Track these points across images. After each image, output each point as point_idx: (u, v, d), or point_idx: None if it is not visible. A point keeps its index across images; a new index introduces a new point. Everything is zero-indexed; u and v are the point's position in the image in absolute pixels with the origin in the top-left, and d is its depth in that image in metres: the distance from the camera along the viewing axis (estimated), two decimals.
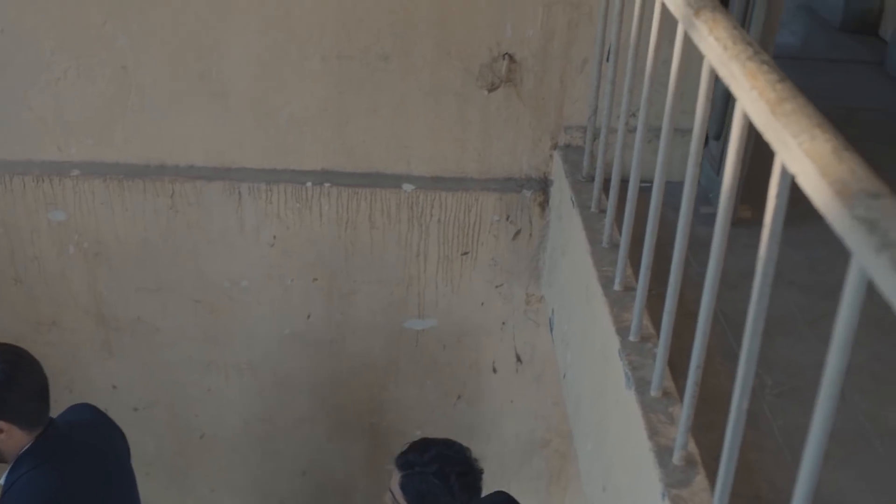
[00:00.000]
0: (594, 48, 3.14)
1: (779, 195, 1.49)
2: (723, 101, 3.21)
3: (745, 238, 2.51)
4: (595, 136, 3.12)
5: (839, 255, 1.24)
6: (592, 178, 3.10)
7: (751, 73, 1.58)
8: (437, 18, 3.12)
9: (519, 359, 3.77)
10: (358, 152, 3.31)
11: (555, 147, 3.35)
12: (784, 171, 1.46)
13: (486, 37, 3.16)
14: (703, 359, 1.85)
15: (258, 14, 3.09)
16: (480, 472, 2.92)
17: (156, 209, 3.36)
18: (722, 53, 1.70)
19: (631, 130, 2.72)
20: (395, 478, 2.88)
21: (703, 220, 3.09)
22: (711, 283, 1.78)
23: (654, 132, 2.55)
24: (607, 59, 3.00)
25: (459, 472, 2.84)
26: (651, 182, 2.21)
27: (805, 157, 1.34)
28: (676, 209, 2.01)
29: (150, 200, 3.34)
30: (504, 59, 3.19)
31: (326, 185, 3.33)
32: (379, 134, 3.28)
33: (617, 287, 2.60)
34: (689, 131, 2.02)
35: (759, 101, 1.52)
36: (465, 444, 2.95)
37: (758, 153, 2.42)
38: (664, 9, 2.14)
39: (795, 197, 1.39)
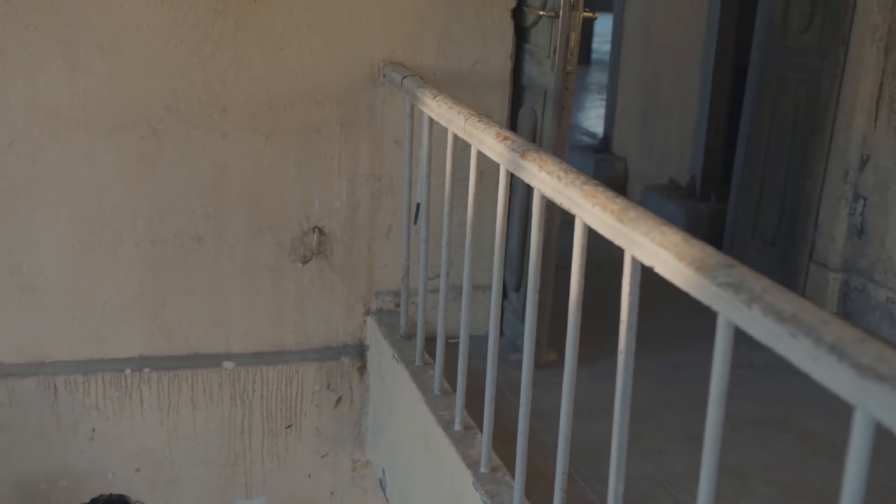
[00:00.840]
0: (401, 213, 3.37)
1: (632, 287, 1.71)
2: (518, 256, 3.50)
3: (557, 377, 2.71)
4: (409, 295, 3.31)
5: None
6: (410, 337, 3.27)
7: (590, 194, 1.83)
8: (249, 197, 3.26)
9: None
10: (177, 334, 3.32)
11: (367, 313, 3.50)
12: (635, 266, 1.69)
13: (296, 212, 3.33)
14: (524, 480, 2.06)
15: (69, 205, 3.12)
16: None
17: None
18: (558, 183, 1.95)
19: (449, 289, 2.93)
20: None
21: (515, 365, 3.31)
22: (524, 419, 2.15)
23: (463, 290, 2.78)
24: (415, 222, 3.23)
25: None
26: (483, 334, 2.42)
27: (660, 248, 1.57)
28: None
29: None
30: (314, 232, 3.36)
31: (146, 370, 3.30)
32: (197, 314, 3.32)
33: (458, 427, 2.73)
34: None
35: (603, 213, 1.76)
36: None
37: (559, 301, 2.66)
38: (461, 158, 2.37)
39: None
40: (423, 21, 3.28)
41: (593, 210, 1.80)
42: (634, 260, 1.69)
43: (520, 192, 3.40)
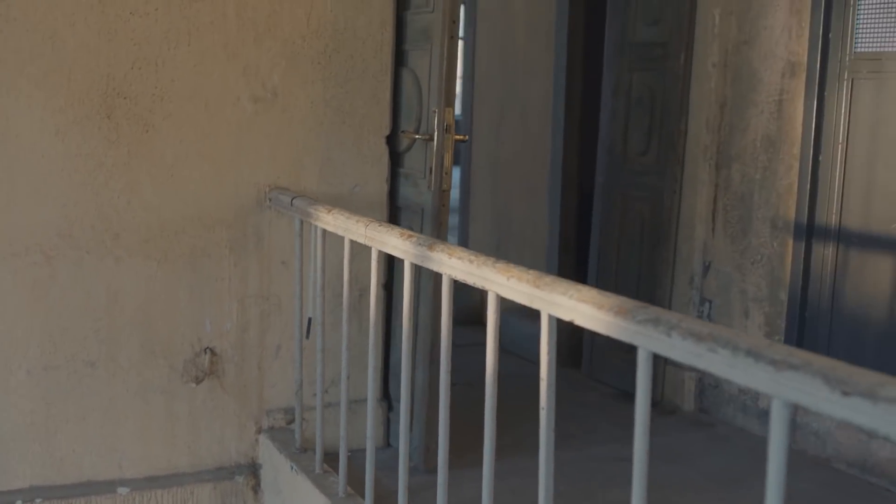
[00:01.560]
0: (289, 331, 3.50)
1: (549, 345, 1.92)
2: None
3: (455, 479, 2.85)
4: (304, 408, 3.41)
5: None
6: (306, 450, 3.35)
7: (503, 270, 2.05)
8: (142, 320, 3.33)
9: None
10: (69, 462, 3.29)
11: (259, 431, 3.57)
12: (552, 325, 1.90)
13: (188, 333, 3.41)
14: None
15: None
16: None
17: None
18: (470, 266, 2.16)
19: (335, 403, 3.06)
20: None
21: (412, 471, 3.43)
22: None
23: (358, 402, 2.92)
24: (307, 337, 3.37)
25: None
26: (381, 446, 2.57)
27: (579, 303, 1.80)
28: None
29: None
30: (206, 353, 3.44)
31: (38, 500, 3.24)
32: (89, 440, 3.31)
33: None
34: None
35: (520, 284, 1.98)
36: None
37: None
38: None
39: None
40: (306, 148, 3.50)
41: (509, 283, 2.02)
42: (551, 318, 1.90)
43: (399, 307, 3.59)
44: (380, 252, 2.68)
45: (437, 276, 2.72)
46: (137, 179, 3.26)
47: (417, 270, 2.61)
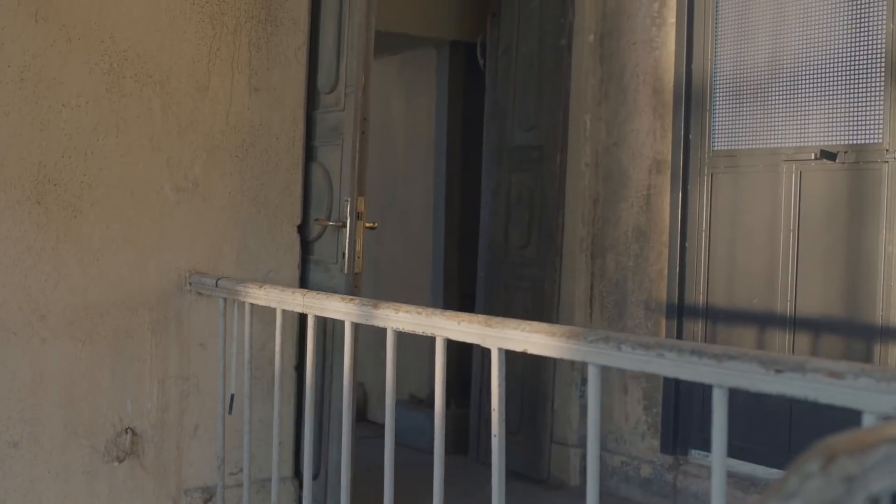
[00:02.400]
0: (207, 411, 3.63)
1: (500, 379, 2.19)
2: (315, 441, 3.83)
3: None
4: (225, 485, 3.53)
5: None
6: None
7: (453, 316, 2.32)
8: (66, 401, 3.41)
9: None
10: None
11: None
12: (501, 359, 2.17)
13: (110, 414, 3.50)
14: None
15: None
16: None
17: None
18: (419, 318, 2.42)
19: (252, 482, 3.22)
20: None
21: None
22: None
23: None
24: (230, 412, 3.52)
25: None
26: None
27: (531, 334, 2.08)
28: None
29: None
30: (127, 433, 3.53)
31: None
32: None
33: None
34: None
35: (471, 326, 2.25)
36: None
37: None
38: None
39: None
40: (224, 235, 3.71)
41: (460, 327, 2.28)
42: (500, 351, 2.18)
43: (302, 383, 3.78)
44: (316, 319, 2.91)
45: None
46: (65, 263, 3.39)
47: (322, 351, 2.84)
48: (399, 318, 2.48)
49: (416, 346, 5.93)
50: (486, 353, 5.18)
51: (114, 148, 3.47)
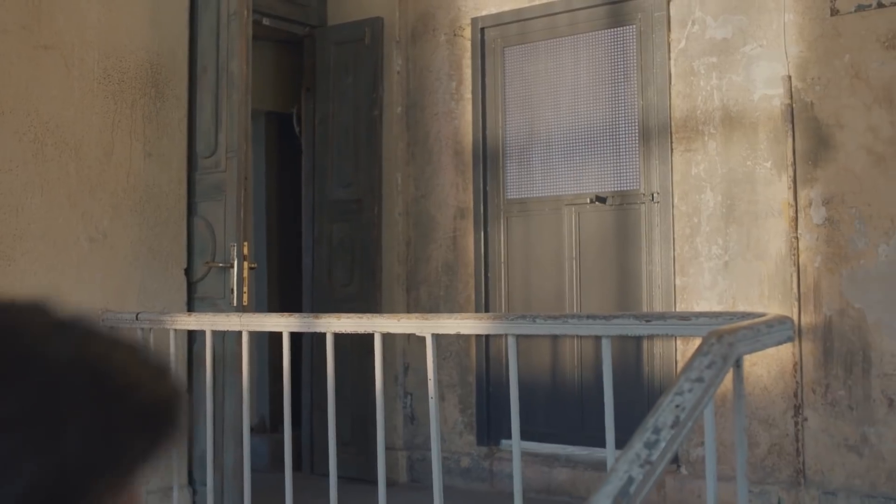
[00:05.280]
0: None
1: (433, 359, 3.11)
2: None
3: None
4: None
5: None
6: None
7: (392, 316, 3.21)
8: None
9: None
10: None
11: None
12: (434, 342, 3.10)
13: None
14: None
15: None
16: None
17: None
18: (360, 321, 3.28)
19: None
20: None
21: None
22: None
23: None
24: None
25: None
26: None
27: (463, 321, 3.02)
28: None
29: None
30: None
31: None
32: None
33: None
34: None
35: (409, 321, 3.15)
36: None
37: None
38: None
39: None
40: (127, 278, 4.36)
41: (400, 323, 3.17)
42: (434, 336, 3.09)
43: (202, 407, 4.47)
44: (250, 335, 3.68)
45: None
46: None
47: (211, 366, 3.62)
48: (341, 324, 3.33)
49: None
50: (314, 381, 6.00)
51: (39, 205, 4.07)
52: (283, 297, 6.43)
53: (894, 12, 4.30)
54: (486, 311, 5.38)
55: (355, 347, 5.71)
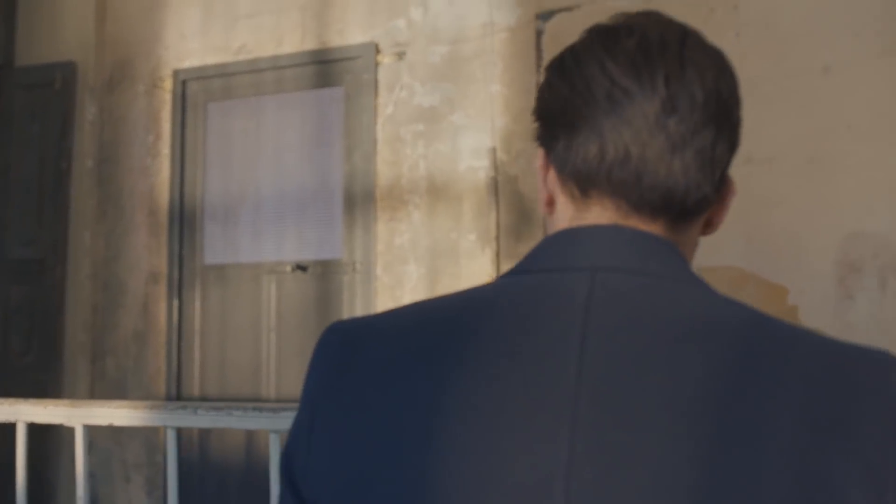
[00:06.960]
0: None
1: (84, 454, 2.72)
2: None
3: None
4: None
5: None
6: None
7: (39, 402, 2.79)
8: None
9: None
10: None
11: None
12: (86, 434, 2.71)
13: None
14: None
15: None
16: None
17: None
18: (2, 406, 2.84)
19: None
20: None
21: None
22: None
23: None
24: None
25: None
26: None
27: (117, 410, 2.65)
28: None
29: None
30: None
31: None
32: None
33: None
34: None
35: (57, 409, 2.75)
36: None
37: None
38: None
39: None
40: None
41: (47, 410, 2.76)
42: (86, 428, 2.70)
43: None
44: None
45: None
46: None
47: None
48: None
49: None
50: None
51: None
52: None
53: None
54: (178, 383, 4.97)
55: None
